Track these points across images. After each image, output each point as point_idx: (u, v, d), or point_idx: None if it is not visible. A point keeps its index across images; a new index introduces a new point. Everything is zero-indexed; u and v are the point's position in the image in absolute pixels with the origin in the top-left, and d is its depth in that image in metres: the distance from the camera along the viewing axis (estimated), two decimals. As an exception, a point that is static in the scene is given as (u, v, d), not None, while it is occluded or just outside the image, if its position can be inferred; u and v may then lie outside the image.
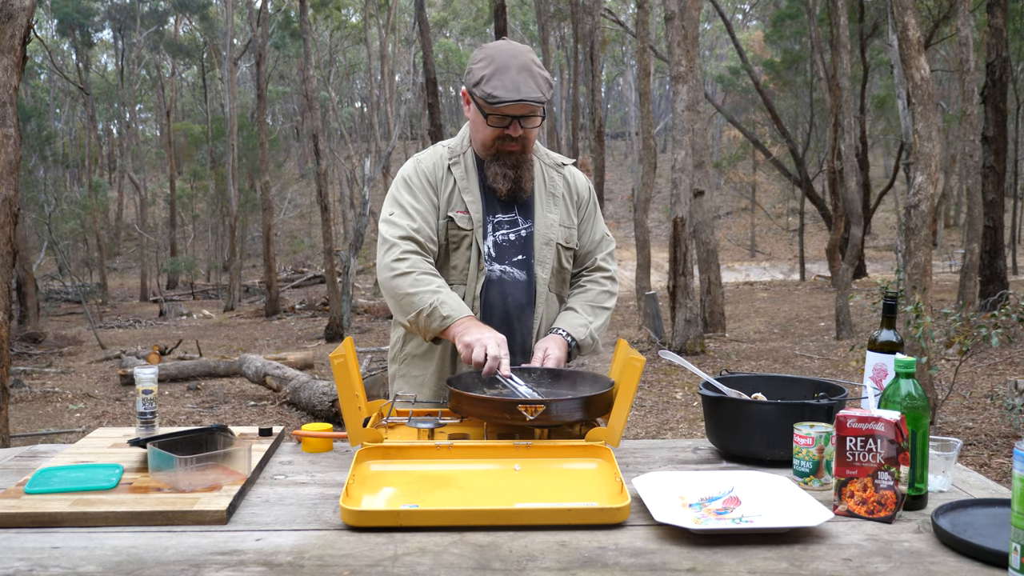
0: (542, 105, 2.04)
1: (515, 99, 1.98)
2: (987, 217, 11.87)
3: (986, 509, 1.40)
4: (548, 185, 2.19)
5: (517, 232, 2.15)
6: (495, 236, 2.13)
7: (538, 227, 2.14)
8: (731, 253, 31.45)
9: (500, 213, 2.14)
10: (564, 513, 1.38)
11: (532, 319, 2.15)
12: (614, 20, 22.05)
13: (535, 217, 2.15)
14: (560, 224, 2.17)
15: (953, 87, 27.02)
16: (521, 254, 2.14)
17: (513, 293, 2.12)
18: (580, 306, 2.21)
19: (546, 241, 2.14)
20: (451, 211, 2.11)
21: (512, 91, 1.99)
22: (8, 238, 4.93)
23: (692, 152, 10.64)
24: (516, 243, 2.14)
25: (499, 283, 2.12)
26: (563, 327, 2.14)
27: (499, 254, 2.13)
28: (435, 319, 1.98)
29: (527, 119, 2.05)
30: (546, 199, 2.17)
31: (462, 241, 2.11)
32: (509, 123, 2.04)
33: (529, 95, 1.99)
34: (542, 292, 2.15)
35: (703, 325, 11.63)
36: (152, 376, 1.89)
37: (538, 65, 2.06)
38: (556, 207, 2.18)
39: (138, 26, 31.48)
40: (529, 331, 2.15)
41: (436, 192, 2.12)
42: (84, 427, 7.82)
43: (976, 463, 5.33)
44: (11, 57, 4.96)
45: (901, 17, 6.29)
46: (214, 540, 1.33)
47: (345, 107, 44.60)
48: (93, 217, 26.00)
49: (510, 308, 2.12)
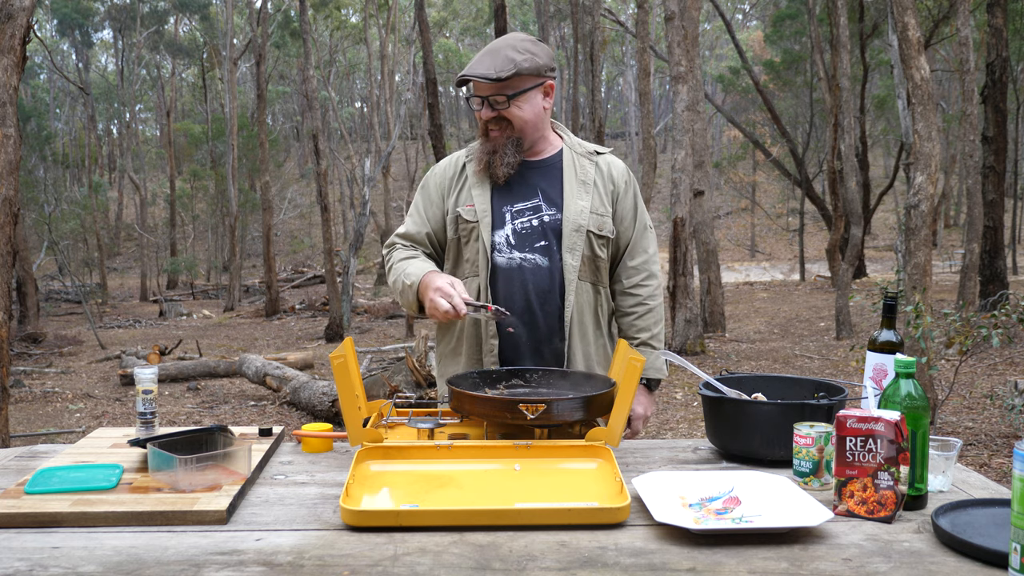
0: (499, 83, 2.02)
1: (461, 76, 2.04)
2: (987, 217, 11.87)
3: (986, 509, 1.40)
4: (579, 173, 2.17)
5: (540, 218, 2.13)
6: (514, 224, 2.13)
7: (567, 214, 2.12)
8: (731, 253, 31.45)
9: (520, 201, 2.14)
10: (564, 513, 1.38)
11: (560, 305, 2.13)
12: (614, 20, 22.05)
13: (564, 204, 2.13)
14: (592, 211, 2.13)
15: (953, 87, 27.04)
16: (544, 240, 2.12)
17: (534, 280, 2.10)
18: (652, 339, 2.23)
19: (576, 228, 2.11)
20: (460, 207, 2.15)
21: (466, 69, 2.05)
22: (8, 238, 4.93)
23: (692, 152, 10.64)
24: (539, 229, 2.12)
25: (518, 271, 2.11)
26: (646, 376, 2.22)
27: (519, 242, 2.12)
28: (408, 292, 2.07)
29: (494, 99, 2.06)
30: (576, 187, 2.15)
31: (471, 234, 2.13)
32: (482, 105, 2.08)
33: (475, 71, 2.02)
34: (571, 279, 2.11)
35: (703, 325, 11.63)
36: (152, 376, 1.89)
37: (515, 48, 2.05)
38: (587, 194, 2.14)
39: (138, 26, 31.48)
40: (556, 317, 2.13)
41: (445, 192, 2.20)
42: (84, 427, 7.82)
43: (976, 463, 5.33)
44: (11, 57, 4.96)
45: (901, 17, 6.29)
46: (214, 540, 1.33)
47: (345, 107, 44.60)
48: (93, 217, 25.99)
49: (531, 295, 2.10)
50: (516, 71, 2.02)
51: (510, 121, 2.08)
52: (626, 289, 2.23)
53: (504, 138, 2.09)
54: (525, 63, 2.04)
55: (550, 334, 2.13)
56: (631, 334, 2.23)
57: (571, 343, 2.14)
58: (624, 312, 2.24)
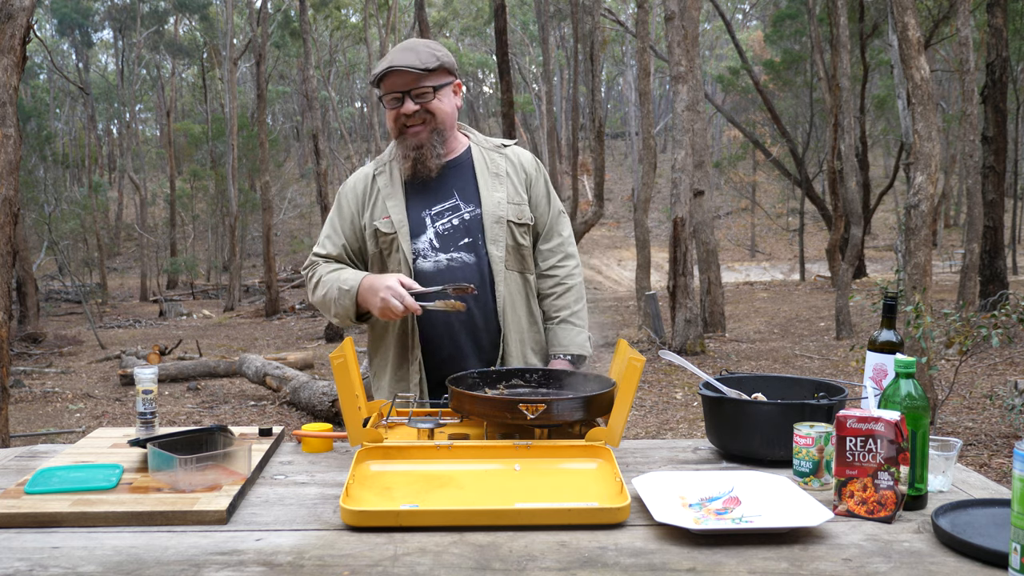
0: (426, 73, 2.05)
1: (383, 68, 2.06)
2: (987, 217, 11.87)
3: (986, 509, 1.40)
4: (490, 167, 2.22)
5: (461, 216, 2.17)
6: (436, 227, 2.16)
7: (485, 207, 2.16)
8: (731, 253, 31.45)
9: (438, 203, 2.17)
10: (564, 513, 1.38)
11: (491, 298, 2.16)
12: (614, 20, 22.04)
13: (481, 199, 2.17)
14: (509, 201, 2.18)
15: (953, 87, 27.03)
16: (467, 237, 2.15)
17: (463, 277, 2.13)
18: (572, 316, 2.25)
19: (496, 219, 2.16)
20: (376, 220, 2.17)
21: (385, 63, 2.07)
22: (8, 238, 4.93)
23: (692, 152, 10.64)
24: (461, 228, 2.16)
25: (447, 271, 2.14)
26: (568, 352, 2.23)
27: (443, 244, 2.15)
28: (344, 297, 2.08)
29: (417, 92, 2.07)
30: (490, 180, 2.20)
31: (391, 245, 2.16)
32: (402, 100, 2.08)
33: (401, 62, 2.04)
34: (499, 270, 2.16)
35: (703, 325, 11.63)
36: (152, 376, 1.89)
37: (429, 46, 2.11)
38: (501, 186, 2.20)
39: (138, 26, 31.48)
40: (489, 310, 2.17)
41: (359, 208, 2.21)
42: (84, 427, 7.82)
43: (976, 463, 5.33)
44: (11, 57, 4.96)
45: (901, 17, 6.29)
46: (214, 540, 1.33)
47: (345, 107, 44.60)
48: (93, 217, 26.00)
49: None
50: (440, 64, 2.08)
51: (434, 114, 2.10)
52: (543, 271, 2.28)
53: (428, 131, 2.11)
54: (445, 58, 2.11)
55: (486, 325, 2.16)
56: (551, 313, 2.27)
57: (506, 333, 2.17)
58: (544, 294, 2.28)
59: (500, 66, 13.67)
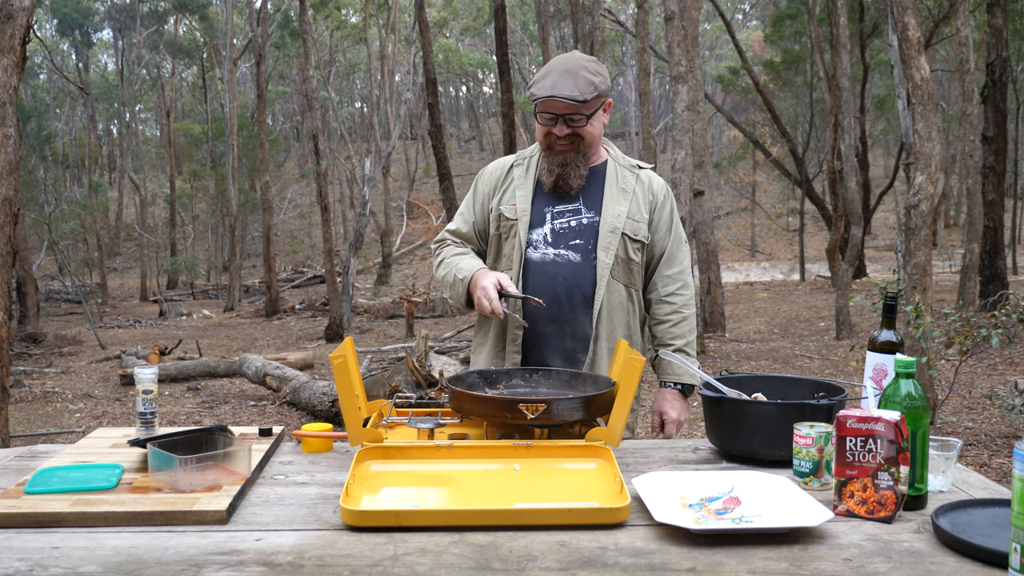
0: (583, 104, 2.13)
1: (545, 95, 2.12)
2: (987, 217, 11.87)
3: (986, 509, 1.40)
4: (620, 182, 2.31)
5: (579, 220, 2.27)
6: (554, 224, 2.27)
7: (605, 216, 2.25)
8: (731, 253, 31.43)
9: (561, 204, 2.28)
10: (564, 513, 1.38)
11: (589, 296, 2.23)
12: (614, 20, 22.02)
13: (603, 208, 2.26)
14: (629, 216, 2.26)
15: (953, 87, 27.02)
16: (580, 239, 2.25)
17: (564, 273, 2.22)
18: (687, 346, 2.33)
19: (611, 229, 2.24)
20: (503, 205, 2.31)
21: (548, 89, 2.13)
22: (8, 238, 4.93)
23: (692, 152, 10.63)
24: (576, 229, 2.26)
25: (552, 264, 2.23)
26: (681, 381, 2.31)
27: (555, 239, 2.26)
28: (459, 285, 2.23)
29: (572, 118, 2.16)
30: (616, 193, 2.29)
31: (510, 231, 2.28)
32: (556, 122, 2.17)
33: (560, 92, 2.12)
34: (603, 275, 2.23)
35: (703, 325, 11.63)
36: (152, 376, 1.89)
37: (588, 70, 2.17)
38: (625, 200, 2.28)
39: (138, 26, 31.46)
40: (585, 310, 2.23)
41: (492, 191, 2.36)
42: (84, 427, 7.82)
43: (976, 463, 5.33)
44: (11, 57, 4.96)
45: (901, 17, 6.29)
46: (214, 540, 1.33)
47: (345, 107, 44.58)
48: (93, 217, 25.98)
49: (558, 287, 2.22)
50: (597, 93, 2.16)
51: (583, 137, 2.21)
52: (662, 297, 2.34)
53: (574, 152, 2.23)
54: (602, 85, 2.18)
55: (575, 325, 2.21)
56: (666, 340, 2.33)
57: (598, 335, 2.22)
58: (659, 320, 2.35)
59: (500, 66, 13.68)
